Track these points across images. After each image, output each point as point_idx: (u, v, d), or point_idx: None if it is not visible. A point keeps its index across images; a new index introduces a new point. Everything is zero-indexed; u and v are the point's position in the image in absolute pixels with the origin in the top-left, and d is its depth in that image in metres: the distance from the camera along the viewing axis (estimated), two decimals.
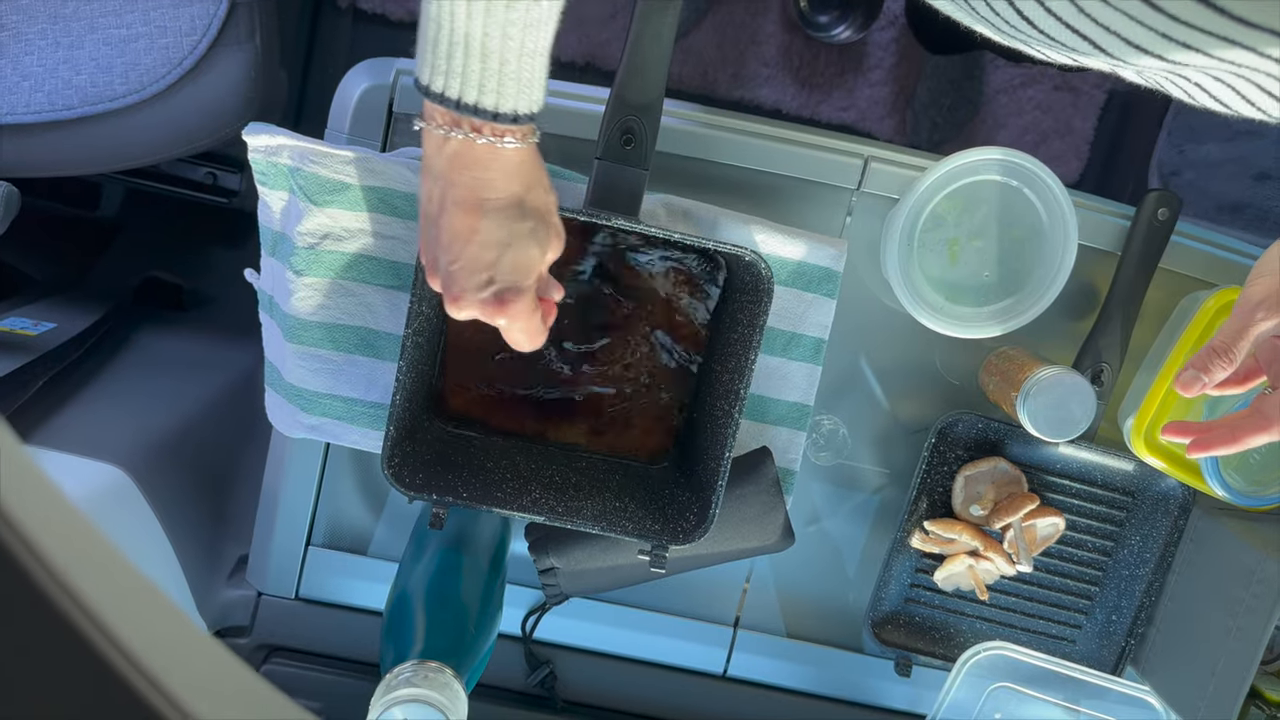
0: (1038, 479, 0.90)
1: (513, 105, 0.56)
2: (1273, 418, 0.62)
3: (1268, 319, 0.61)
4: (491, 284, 0.61)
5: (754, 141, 0.83)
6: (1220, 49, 0.40)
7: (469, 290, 0.61)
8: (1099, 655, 0.92)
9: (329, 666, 0.91)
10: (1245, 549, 0.84)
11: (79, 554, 0.24)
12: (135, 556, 0.83)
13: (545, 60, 0.57)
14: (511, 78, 0.55)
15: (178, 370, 1.12)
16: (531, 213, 0.61)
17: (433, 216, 0.61)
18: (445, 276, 0.61)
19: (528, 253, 0.61)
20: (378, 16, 1.59)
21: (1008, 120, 1.66)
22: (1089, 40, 0.46)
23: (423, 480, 0.74)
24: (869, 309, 0.88)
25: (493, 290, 0.61)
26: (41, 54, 0.99)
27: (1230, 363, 0.62)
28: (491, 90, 0.55)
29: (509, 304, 0.62)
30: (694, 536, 0.75)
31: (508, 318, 0.62)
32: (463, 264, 0.60)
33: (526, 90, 0.56)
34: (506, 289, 0.61)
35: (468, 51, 0.53)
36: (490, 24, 0.53)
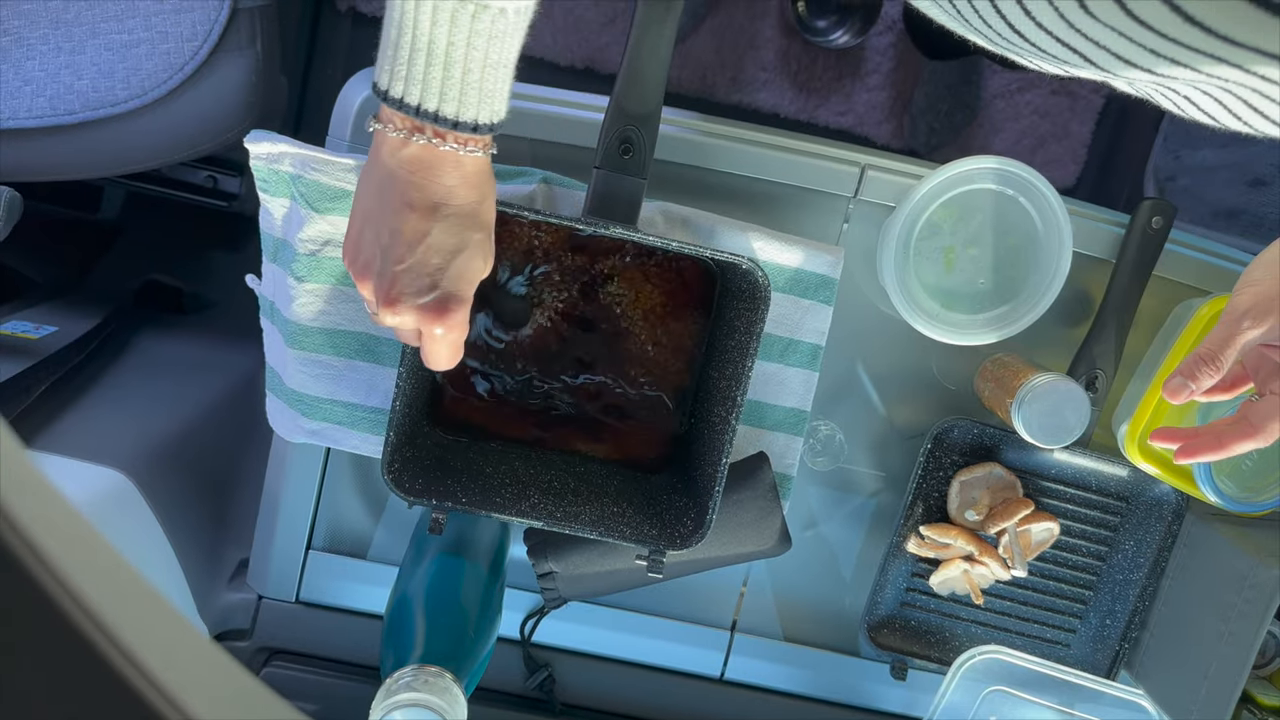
0: (1033, 484, 0.91)
1: (473, 115, 0.55)
2: (1259, 425, 0.62)
3: (1254, 327, 0.61)
4: (434, 289, 0.59)
5: (751, 149, 0.84)
6: (1208, 65, 0.41)
7: (409, 294, 0.59)
8: (1093, 659, 0.93)
9: (329, 670, 0.92)
10: (1238, 554, 0.84)
11: (81, 557, 0.24)
12: (137, 560, 0.83)
13: (510, 72, 0.56)
14: (474, 88, 0.54)
15: (178, 374, 1.13)
16: (483, 225, 0.60)
17: (375, 216, 0.59)
18: (386, 279, 0.59)
19: (473, 263, 0.60)
20: (377, 20, 1.58)
21: (1005, 125, 1.67)
22: (1079, 54, 0.47)
23: (422, 485, 0.74)
24: (865, 316, 0.88)
25: (435, 296, 0.59)
26: (43, 59, 1.00)
27: (1217, 370, 0.63)
28: (453, 99, 0.54)
29: (449, 313, 0.60)
30: (691, 542, 0.76)
31: (445, 326, 0.61)
32: (408, 266, 0.59)
33: (488, 101, 0.56)
34: (449, 296, 0.60)
35: (430, 59, 0.53)
36: (455, 33, 0.52)
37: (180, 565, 0.87)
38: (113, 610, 0.24)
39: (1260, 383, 0.65)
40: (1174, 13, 0.38)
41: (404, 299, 0.59)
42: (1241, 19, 0.36)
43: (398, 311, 0.60)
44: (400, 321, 0.61)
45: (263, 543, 0.91)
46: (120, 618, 0.24)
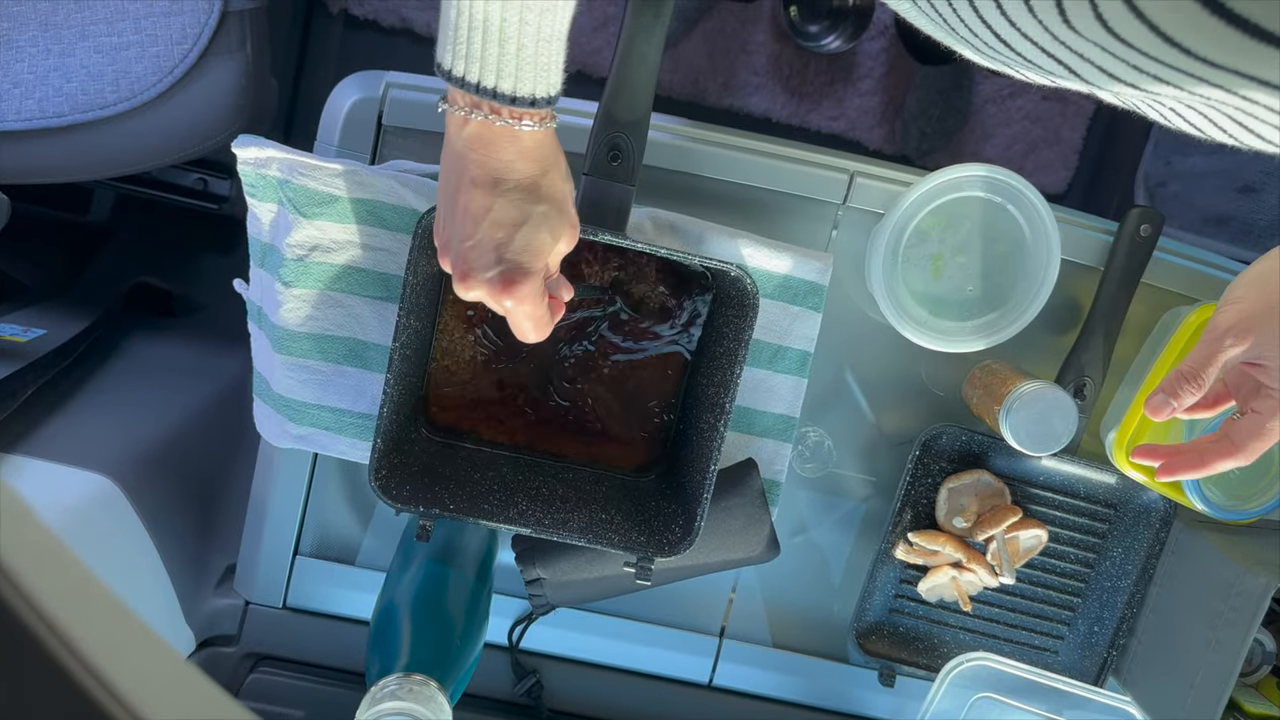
0: (1021, 491, 0.91)
1: (530, 89, 0.57)
2: (1240, 443, 0.62)
3: (1235, 345, 0.61)
4: (500, 263, 0.61)
5: (741, 156, 0.84)
6: (1190, 84, 0.41)
7: (477, 269, 0.61)
8: (1081, 666, 0.93)
9: (316, 676, 0.92)
10: (1225, 562, 0.85)
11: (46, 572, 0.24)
12: (122, 566, 0.83)
13: (562, 45, 0.58)
14: (529, 62, 0.56)
15: (167, 378, 1.12)
16: (546, 197, 0.61)
17: (449, 195, 0.61)
18: (457, 255, 0.62)
19: (538, 235, 0.61)
20: (369, 23, 1.59)
21: (996, 130, 1.67)
22: (1064, 65, 0.47)
23: (410, 492, 0.74)
24: (854, 322, 0.88)
25: (500, 269, 0.61)
26: (32, 61, 1.00)
27: (1199, 388, 0.63)
28: (509, 74, 0.56)
29: (516, 285, 0.61)
30: (679, 549, 0.75)
31: (514, 299, 0.62)
32: (474, 242, 0.60)
33: (544, 74, 0.57)
34: (514, 269, 0.61)
35: (485, 36, 0.55)
36: (508, 9, 0.54)
37: (166, 571, 0.86)
38: (79, 626, 0.24)
39: (1241, 401, 0.65)
40: (1153, 33, 0.38)
41: (473, 274, 0.61)
42: (1220, 42, 0.36)
43: (470, 286, 0.62)
44: (474, 296, 0.63)
45: (250, 548, 0.91)
46: (87, 633, 0.24)
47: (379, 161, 0.83)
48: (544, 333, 0.67)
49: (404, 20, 1.58)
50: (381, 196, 0.78)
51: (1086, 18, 0.40)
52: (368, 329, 0.81)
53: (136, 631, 0.26)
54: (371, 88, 0.82)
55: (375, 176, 0.77)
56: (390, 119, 0.82)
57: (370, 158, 0.83)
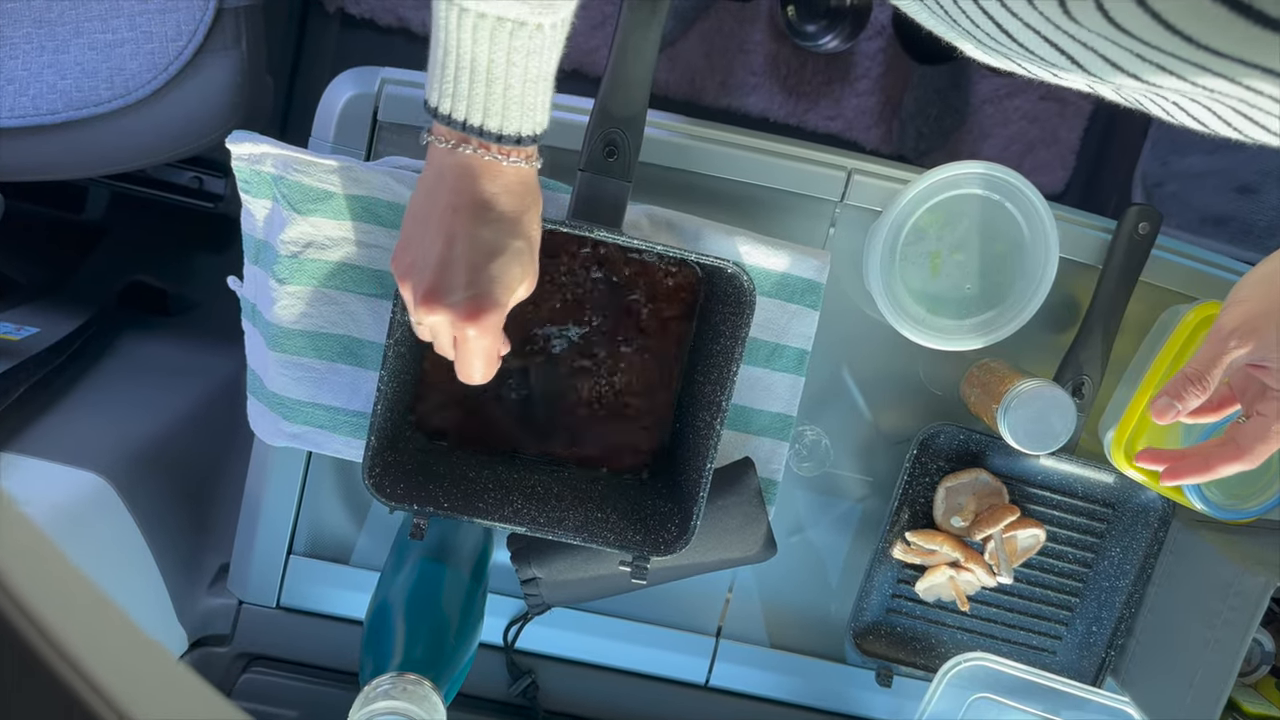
0: (1019, 490, 0.90)
1: (515, 128, 0.58)
2: (1245, 447, 0.62)
3: (1240, 347, 0.61)
4: (471, 287, 0.60)
5: (737, 153, 0.84)
6: (1194, 74, 0.40)
7: (446, 290, 0.60)
8: (1079, 666, 0.93)
9: (309, 676, 0.91)
10: (1223, 562, 0.84)
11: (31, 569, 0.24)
12: (114, 564, 0.82)
13: (549, 85, 0.58)
14: (515, 102, 0.57)
15: (161, 377, 1.12)
16: (523, 234, 0.62)
17: (422, 219, 0.61)
18: (425, 275, 0.60)
19: (511, 269, 0.61)
20: (365, 21, 1.58)
21: (994, 130, 1.67)
22: (1067, 55, 0.46)
23: (404, 490, 0.74)
24: (852, 320, 0.88)
25: (470, 294, 0.60)
26: (26, 58, 0.99)
27: (1204, 390, 0.63)
28: (496, 113, 0.57)
29: (482, 314, 0.61)
30: (676, 548, 0.75)
31: (478, 328, 0.61)
32: (448, 262, 0.60)
33: (530, 114, 0.58)
34: (483, 297, 0.61)
35: (473, 76, 0.55)
36: (495, 50, 0.54)
37: (159, 570, 0.86)
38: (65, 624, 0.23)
39: (1247, 404, 0.65)
40: (1155, 20, 0.38)
41: (441, 295, 0.60)
42: (1224, 29, 0.36)
43: (433, 308, 0.60)
44: (435, 320, 0.61)
45: (243, 547, 0.90)
46: (73, 631, 0.23)
47: (374, 158, 0.83)
48: (490, 374, 0.66)
49: (401, 19, 1.57)
50: (377, 193, 0.77)
51: (1088, 8, 0.40)
52: (362, 326, 0.80)
53: (124, 629, 0.26)
54: (367, 84, 0.82)
55: (370, 173, 0.77)
56: (386, 115, 0.82)
57: (365, 154, 0.83)
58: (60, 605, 0.24)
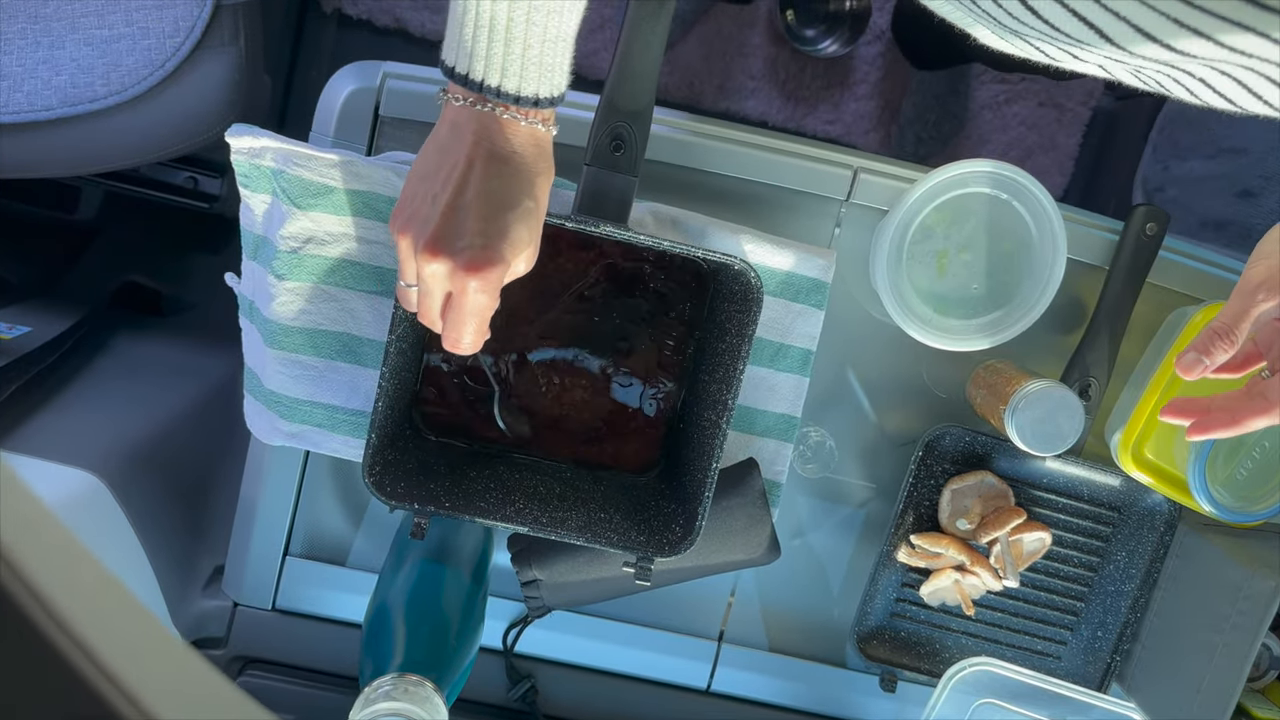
0: (1024, 493, 0.89)
1: (534, 89, 0.57)
2: (1273, 400, 0.61)
3: (1268, 300, 0.60)
4: (480, 237, 0.57)
5: (743, 151, 0.83)
6: (1229, 34, 0.39)
7: (452, 236, 0.57)
8: (1084, 671, 0.92)
9: (306, 679, 0.90)
10: (1231, 565, 0.83)
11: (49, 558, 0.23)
12: (108, 565, 0.81)
13: (569, 46, 0.57)
14: (534, 62, 0.56)
15: (155, 376, 1.10)
16: (535, 195, 0.60)
17: (431, 172, 0.59)
18: (431, 223, 0.57)
19: (520, 228, 0.59)
20: (363, 22, 1.57)
21: (992, 136, 1.67)
22: (1094, 28, 0.46)
23: (404, 489, 0.73)
24: (857, 320, 0.87)
25: (480, 243, 0.57)
26: (20, 53, 0.98)
27: (1232, 344, 0.62)
28: (514, 74, 0.56)
29: (487, 266, 0.57)
30: (680, 549, 0.74)
31: (480, 281, 0.57)
32: (458, 209, 0.57)
33: (548, 75, 0.57)
34: (490, 251, 0.57)
35: (492, 35, 0.54)
36: (515, 8, 0.53)
37: (153, 571, 0.84)
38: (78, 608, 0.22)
39: (1273, 359, 0.64)
40: None
41: (444, 242, 0.57)
42: None
43: (436, 256, 0.57)
44: (434, 270, 0.58)
45: (239, 548, 0.89)
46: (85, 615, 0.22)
47: (375, 153, 0.82)
48: (478, 343, 0.62)
49: (398, 20, 1.56)
50: (378, 188, 0.76)
51: None
52: (362, 324, 0.79)
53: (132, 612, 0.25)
54: (369, 78, 0.81)
55: (371, 168, 0.76)
56: (387, 110, 0.81)
57: (366, 149, 0.82)
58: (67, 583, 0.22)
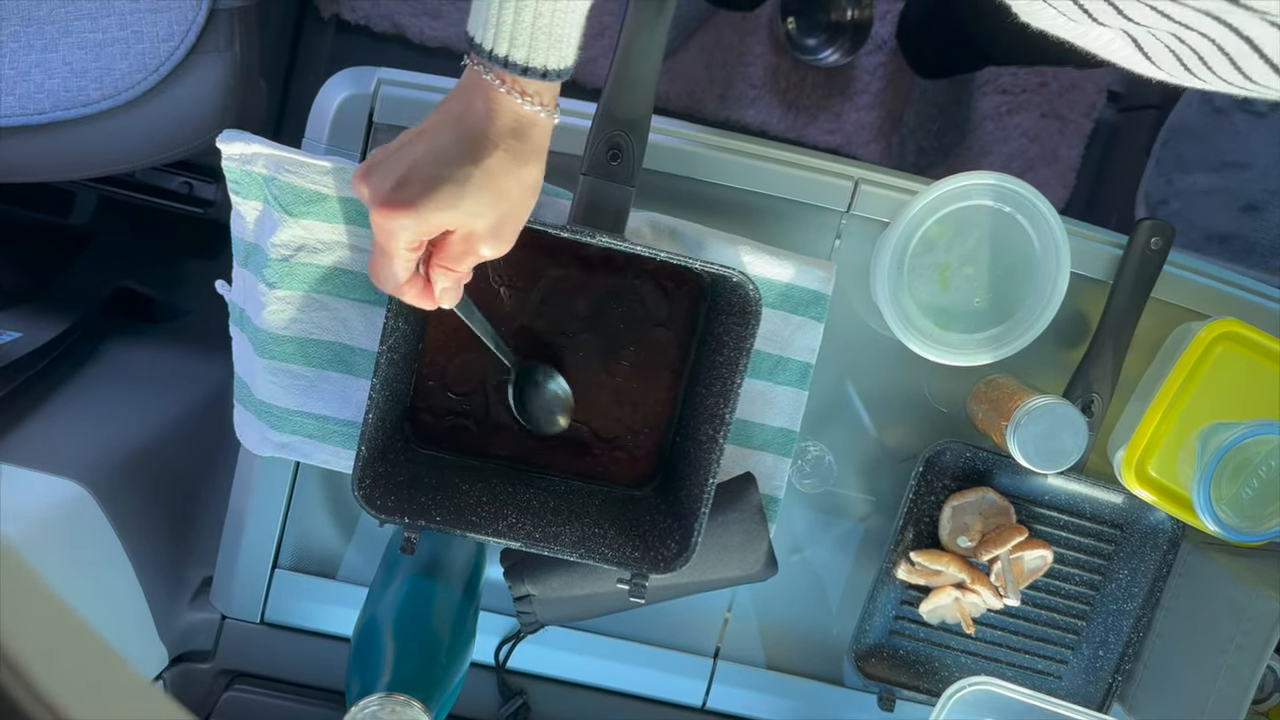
0: (1026, 510, 0.88)
1: (542, 60, 0.56)
2: None
3: None
4: (401, 180, 0.57)
5: (743, 161, 0.82)
6: None
7: (377, 173, 0.58)
8: (1085, 691, 0.91)
9: (294, 694, 0.88)
10: (1236, 585, 0.82)
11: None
12: (93, 576, 0.79)
13: (580, 20, 0.57)
14: (544, 31, 0.55)
15: (146, 384, 1.09)
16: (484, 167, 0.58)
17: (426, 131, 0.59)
18: (375, 155, 0.59)
19: (447, 189, 0.57)
20: (361, 28, 1.57)
21: (994, 147, 1.66)
22: None
23: (394, 503, 0.71)
24: (857, 334, 0.86)
25: (393, 183, 0.57)
26: (13, 56, 0.97)
27: None
28: (522, 43, 0.55)
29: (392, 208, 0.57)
30: (675, 565, 0.73)
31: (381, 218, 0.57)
32: (399, 151, 0.58)
33: (556, 47, 0.56)
34: (402, 191, 0.57)
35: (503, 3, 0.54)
36: None
37: (139, 583, 0.83)
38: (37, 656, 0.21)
39: None
40: None
41: (369, 174, 0.58)
42: None
43: (357, 186, 0.59)
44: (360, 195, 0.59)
45: (227, 560, 0.87)
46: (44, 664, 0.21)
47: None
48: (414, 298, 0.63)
49: (396, 26, 1.56)
50: None
51: None
52: (354, 333, 0.78)
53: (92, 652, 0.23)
54: (363, 84, 0.80)
55: None
56: (382, 117, 0.80)
57: (360, 156, 0.81)
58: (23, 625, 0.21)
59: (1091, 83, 1.64)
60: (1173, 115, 1.40)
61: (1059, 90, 1.64)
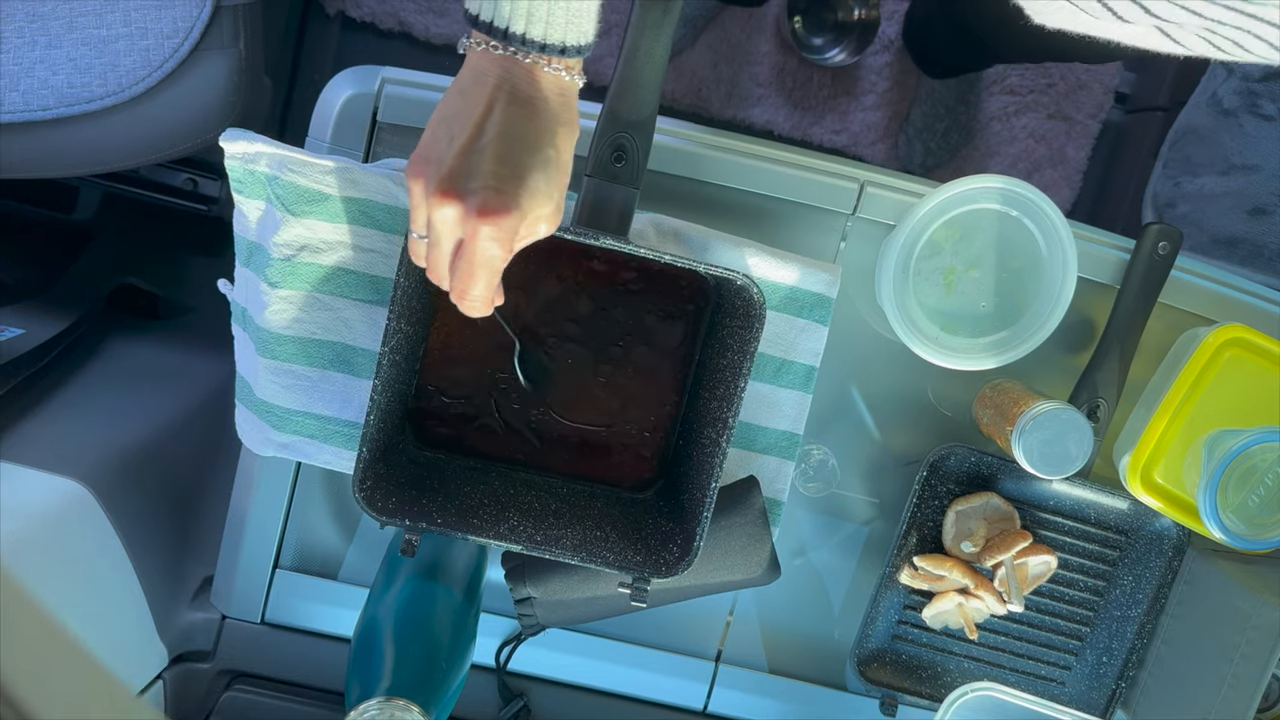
0: (1030, 516, 0.88)
1: (560, 37, 0.54)
2: None
3: None
4: (494, 179, 0.55)
5: (748, 163, 0.81)
6: None
7: (465, 176, 0.55)
8: (1088, 698, 0.90)
9: (294, 695, 0.88)
10: (1241, 592, 0.82)
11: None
12: (93, 576, 0.79)
13: None
14: (560, 9, 0.54)
15: (148, 382, 1.09)
16: (556, 146, 0.57)
17: (451, 115, 0.56)
18: (448, 162, 0.55)
19: (538, 177, 0.56)
20: (366, 25, 1.56)
21: (1000, 148, 1.65)
22: None
23: (395, 504, 0.71)
24: (862, 337, 0.85)
25: (492, 185, 0.54)
26: (17, 53, 0.97)
27: None
28: (540, 20, 0.53)
29: (501, 212, 0.54)
30: (677, 569, 0.72)
31: (492, 225, 0.55)
32: (475, 149, 0.55)
33: (575, 23, 0.55)
34: (505, 195, 0.55)
35: None
36: None
37: (140, 582, 0.83)
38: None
39: None
40: None
41: (457, 183, 0.55)
42: None
43: (447, 198, 0.55)
44: (445, 215, 0.55)
45: (228, 560, 0.87)
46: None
47: (372, 159, 0.80)
48: (488, 301, 0.60)
49: (402, 24, 1.55)
50: (374, 196, 0.74)
51: None
52: (356, 333, 0.78)
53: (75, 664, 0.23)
54: (366, 83, 0.79)
55: (368, 175, 0.74)
56: (385, 116, 0.79)
57: (363, 155, 0.80)
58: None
59: (1099, 83, 1.63)
60: (1181, 117, 1.39)
61: (1066, 91, 1.63)
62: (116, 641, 0.80)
